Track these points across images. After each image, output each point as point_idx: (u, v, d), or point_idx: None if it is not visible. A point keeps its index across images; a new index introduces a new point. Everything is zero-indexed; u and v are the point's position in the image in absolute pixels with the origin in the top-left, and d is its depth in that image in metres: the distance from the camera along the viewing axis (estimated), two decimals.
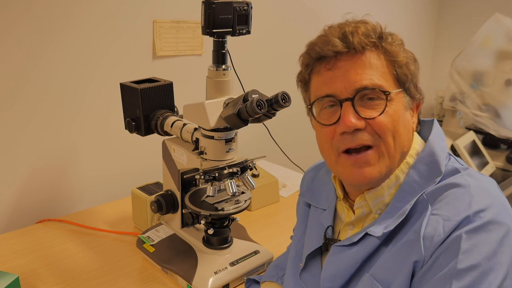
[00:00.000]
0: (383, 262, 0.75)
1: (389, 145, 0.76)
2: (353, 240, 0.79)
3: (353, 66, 0.76)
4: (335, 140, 0.78)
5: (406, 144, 0.79)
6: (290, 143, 1.68)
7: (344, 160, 0.78)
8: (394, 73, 0.78)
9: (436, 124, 0.85)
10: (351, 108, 0.75)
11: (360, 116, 0.75)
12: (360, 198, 0.82)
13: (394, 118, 0.76)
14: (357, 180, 0.78)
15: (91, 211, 1.57)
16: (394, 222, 0.75)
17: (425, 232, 0.70)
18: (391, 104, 0.76)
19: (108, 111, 1.61)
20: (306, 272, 0.89)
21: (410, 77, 0.79)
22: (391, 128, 0.76)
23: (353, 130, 0.75)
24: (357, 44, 0.75)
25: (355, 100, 0.75)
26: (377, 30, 0.78)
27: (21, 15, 1.37)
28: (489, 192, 0.73)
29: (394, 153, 0.77)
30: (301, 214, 1.00)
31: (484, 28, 2.43)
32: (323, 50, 0.77)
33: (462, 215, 0.68)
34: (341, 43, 0.75)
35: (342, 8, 2.37)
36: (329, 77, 0.78)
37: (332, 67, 0.77)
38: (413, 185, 0.77)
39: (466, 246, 0.66)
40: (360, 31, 0.76)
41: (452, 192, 0.72)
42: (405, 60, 0.78)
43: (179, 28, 1.73)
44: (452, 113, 2.67)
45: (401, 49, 0.79)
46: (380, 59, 0.77)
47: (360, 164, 0.76)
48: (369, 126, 0.75)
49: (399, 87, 0.79)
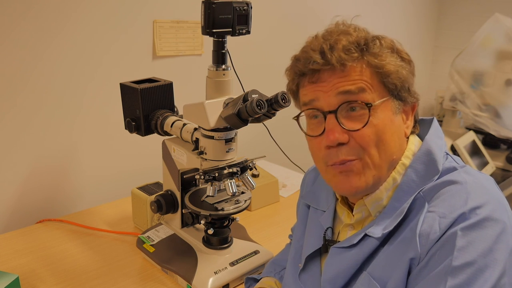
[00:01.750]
0: (380, 260, 0.75)
1: (373, 156, 0.76)
2: (352, 241, 0.79)
3: (335, 78, 0.75)
4: (322, 153, 0.79)
5: (394, 151, 0.78)
6: (290, 143, 1.68)
7: (332, 170, 0.79)
8: (381, 81, 0.76)
9: (434, 123, 0.84)
10: (335, 120, 0.75)
11: (343, 129, 0.75)
12: (359, 204, 0.82)
13: (379, 127, 0.75)
14: (345, 189, 0.79)
15: (91, 211, 1.57)
16: (393, 222, 0.75)
17: (421, 230, 0.70)
18: (375, 114, 0.75)
19: (108, 111, 1.61)
20: (305, 273, 0.89)
21: (399, 84, 0.77)
22: (374, 139, 0.75)
23: (336, 144, 0.75)
24: (336, 62, 0.74)
25: (338, 112, 0.75)
26: (361, 41, 0.76)
27: (21, 15, 1.37)
28: (486, 188, 0.73)
29: (380, 163, 0.76)
30: (301, 215, 1.00)
31: (484, 28, 2.43)
32: (305, 67, 0.77)
33: (458, 212, 0.68)
34: (321, 60, 0.75)
35: (342, 8, 2.37)
36: (313, 90, 0.78)
37: (315, 81, 0.77)
38: (411, 185, 0.77)
39: (461, 243, 0.66)
40: (341, 46, 0.74)
41: (448, 189, 0.72)
42: (394, 68, 0.76)
43: (179, 28, 1.73)
44: (452, 113, 2.67)
45: (388, 57, 0.76)
46: (364, 69, 0.75)
47: (347, 173, 0.77)
48: (353, 138, 0.75)
49: (387, 95, 0.77)
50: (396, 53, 0.78)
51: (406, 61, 0.79)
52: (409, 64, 0.79)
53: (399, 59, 0.78)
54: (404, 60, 0.79)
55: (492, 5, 2.80)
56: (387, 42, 0.78)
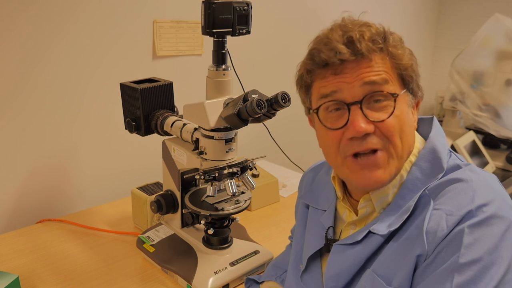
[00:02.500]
0: (385, 257, 0.75)
1: (397, 146, 0.76)
2: (356, 238, 0.79)
3: (359, 69, 0.75)
4: (342, 144, 0.77)
5: (411, 143, 0.79)
6: (290, 143, 1.68)
7: (352, 163, 0.77)
8: (400, 74, 0.78)
9: (435, 122, 0.85)
10: (360, 111, 0.74)
11: (368, 120, 0.74)
12: (365, 198, 0.82)
13: (401, 118, 0.76)
14: (367, 184, 0.77)
15: (91, 211, 1.57)
16: (399, 219, 0.75)
17: (428, 227, 0.71)
18: (397, 105, 0.76)
19: (108, 111, 1.61)
20: (307, 273, 0.89)
21: (414, 77, 0.79)
22: (398, 130, 0.75)
23: (363, 135, 0.74)
24: (365, 50, 0.74)
25: (363, 103, 0.75)
26: (381, 32, 0.77)
27: (21, 15, 1.37)
28: (492, 186, 0.73)
29: (402, 154, 0.77)
30: (300, 216, 0.99)
31: (484, 28, 2.43)
32: (330, 58, 0.75)
33: (465, 210, 0.69)
34: (348, 50, 0.74)
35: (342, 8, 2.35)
36: (335, 82, 0.76)
37: (339, 72, 0.76)
38: (415, 182, 0.77)
39: (468, 240, 0.67)
40: (366, 36, 0.75)
41: (454, 187, 0.73)
42: (409, 62, 0.78)
43: (179, 28, 1.73)
44: (452, 113, 2.67)
45: (405, 51, 0.78)
46: (385, 61, 0.77)
47: (370, 168, 0.76)
48: (378, 129, 0.75)
49: (404, 88, 0.78)
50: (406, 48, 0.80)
51: (413, 55, 0.81)
52: (415, 60, 0.81)
53: (410, 53, 0.80)
54: (412, 54, 0.81)
55: (492, 5, 2.80)
56: (397, 36, 0.80)
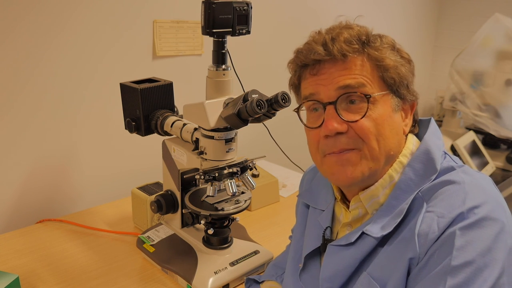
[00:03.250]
0: (380, 260, 0.75)
1: (373, 148, 0.76)
2: (350, 239, 0.79)
3: (336, 70, 0.77)
4: (320, 143, 0.79)
5: (393, 146, 0.78)
6: (290, 143, 1.68)
7: (328, 160, 0.79)
8: (380, 75, 0.78)
9: (432, 123, 0.85)
10: (334, 111, 0.76)
11: (342, 120, 0.76)
12: (355, 199, 0.82)
13: (378, 121, 0.76)
14: (340, 179, 0.79)
15: (91, 211, 1.57)
16: (392, 222, 0.75)
17: (420, 229, 0.71)
18: (375, 107, 0.76)
19: (108, 111, 1.61)
20: (305, 272, 0.89)
21: (398, 79, 0.78)
22: (374, 132, 0.76)
23: (335, 133, 0.76)
24: (337, 52, 0.76)
25: (337, 103, 0.76)
26: (362, 35, 0.78)
27: (21, 15, 1.37)
28: (484, 188, 0.73)
29: (378, 156, 0.77)
30: (300, 215, 1.00)
31: (484, 28, 2.43)
32: (307, 58, 0.79)
33: (456, 212, 0.69)
34: (323, 51, 0.77)
35: (342, 8, 2.37)
36: (314, 82, 0.79)
37: (316, 73, 0.79)
38: (408, 183, 0.77)
39: (460, 243, 0.67)
40: (342, 38, 0.76)
41: (446, 189, 0.73)
42: (393, 63, 0.78)
43: (179, 28, 1.73)
44: (452, 113, 2.67)
45: (388, 52, 0.78)
46: (364, 63, 0.77)
47: (342, 162, 0.77)
48: (352, 129, 0.76)
49: (386, 89, 0.78)
50: (396, 51, 0.80)
51: (406, 59, 0.81)
52: (408, 63, 0.81)
53: (399, 57, 0.80)
54: (404, 58, 0.81)
55: (492, 5, 2.80)
56: (388, 40, 0.80)
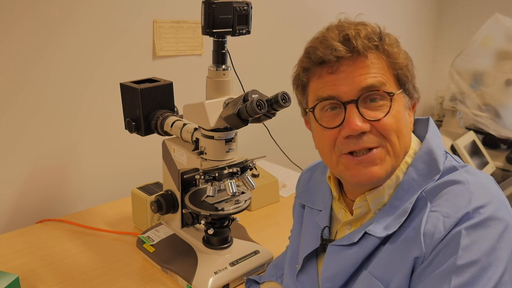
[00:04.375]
0: (382, 259, 0.75)
1: (394, 145, 0.76)
2: (353, 239, 0.79)
3: (356, 68, 0.75)
4: (338, 143, 0.77)
5: (408, 143, 0.79)
6: (290, 143, 1.68)
7: (347, 160, 0.77)
8: (395, 73, 0.78)
9: (431, 123, 0.85)
10: (356, 110, 0.75)
11: (365, 119, 0.75)
12: (361, 199, 0.81)
13: (397, 118, 0.76)
14: (362, 179, 0.77)
15: (91, 211, 1.57)
16: (396, 222, 0.75)
17: (426, 229, 0.71)
18: (394, 105, 0.76)
19: (108, 111, 1.61)
20: (303, 273, 0.89)
21: (410, 78, 0.80)
22: (395, 128, 0.76)
23: (359, 133, 0.75)
24: (361, 47, 0.74)
25: (359, 102, 0.75)
26: (377, 32, 0.78)
27: (21, 15, 1.37)
28: (488, 188, 0.73)
29: (399, 152, 0.77)
30: (297, 216, 1.00)
31: (484, 28, 2.43)
32: (326, 55, 0.75)
33: (462, 212, 0.69)
34: (343, 47, 0.74)
35: (342, 7, 2.36)
36: (332, 80, 0.77)
37: (335, 71, 0.76)
38: (411, 184, 0.77)
39: (465, 242, 0.67)
40: (362, 34, 0.75)
41: (451, 189, 0.73)
42: (405, 62, 0.79)
43: (179, 28, 1.73)
44: (452, 113, 2.67)
45: (400, 51, 0.79)
46: (381, 60, 0.77)
47: (366, 164, 0.76)
48: (374, 128, 0.75)
49: (400, 88, 0.79)
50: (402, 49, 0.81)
51: (409, 57, 0.82)
52: (411, 61, 0.82)
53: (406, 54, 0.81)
54: (408, 56, 0.81)
55: (492, 5, 2.80)
56: (393, 37, 0.80)
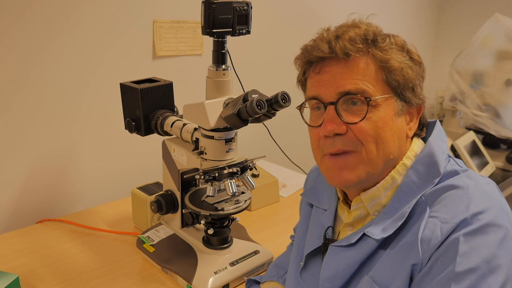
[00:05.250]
0: (382, 264, 0.75)
1: (370, 152, 0.75)
2: (351, 240, 0.79)
3: (339, 71, 0.76)
4: (320, 143, 0.79)
5: (392, 150, 0.77)
6: (290, 143, 1.68)
7: (327, 161, 0.79)
8: (384, 78, 0.76)
9: (438, 125, 0.84)
10: (334, 112, 0.76)
11: (342, 121, 0.76)
12: (356, 200, 0.82)
13: (379, 124, 0.75)
14: (335, 182, 0.79)
15: (91, 211, 1.57)
16: (393, 225, 0.75)
17: (423, 235, 0.70)
18: (376, 110, 0.75)
19: (108, 111, 1.61)
20: (306, 271, 0.89)
21: (403, 82, 0.77)
22: (373, 135, 0.75)
23: (333, 134, 0.76)
24: (339, 50, 0.75)
25: (338, 104, 0.76)
26: (369, 35, 0.76)
27: (21, 15, 1.36)
28: (488, 194, 0.72)
29: (376, 159, 0.76)
30: (304, 213, 1.00)
31: (484, 28, 2.43)
32: (311, 55, 0.78)
33: (460, 218, 0.68)
34: (327, 48, 0.76)
35: (342, 8, 2.36)
36: (317, 80, 0.79)
37: (319, 71, 0.78)
38: (411, 186, 0.77)
39: (464, 249, 0.66)
40: (347, 36, 0.75)
41: (450, 194, 0.72)
42: (398, 65, 0.76)
43: (179, 28, 1.73)
44: (452, 113, 2.67)
45: (394, 53, 0.76)
46: (368, 64, 0.76)
47: (339, 166, 0.77)
48: (351, 131, 0.76)
49: (390, 93, 0.77)
50: (406, 52, 0.78)
51: (416, 62, 0.79)
52: (418, 66, 0.79)
53: (407, 58, 0.78)
54: (414, 60, 0.79)
55: (492, 5, 2.80)
56: (397, 40, 0.78)
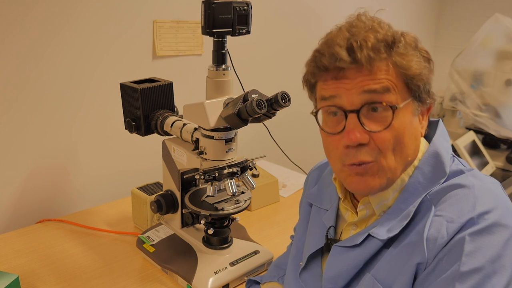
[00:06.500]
0: (385, 263, 0.74)
1: (389, 160, 0.74)
2: (355, 241, 0.78)
3: (360, 77, 0.73)
4: (339, 151, 0.77)
5: (410, 153, 0.77)
6: (290, 143, 1.68)
7: (347, 169, 0.77)
8: (405, 82, 0.75)
9: (441, 125, 0.84)
10: (356, 120, 0.73)
11: (364, 129, 0.73)
12: (364, 201, 0.81)
13: (399, 131, 0.74)
14: (360, 189, 0.77)
15: (91, 211, 1.57)
16: (398, 224, 0.74)
17: (429, 234, 0.70)
18: (397, 117, 0.73)
19: (108, 111, 1.61)
20: (306, 271, 0.89)
21: (422, 86, 0.76)
22: (393, 142, 0.74)
23: (356, 144, 0.74)
24: (364, 60, 0.71)
25: (360, 112, 0.73)
26: (389, 39, 0.74)
27: (21, 15, 1.37)
28: (494, 193, 0.72)
29: (395, 166, 0.75)
30: (303, 214, 0.99)
31: (484, 28, 2.43)
32: (330, 63, 0.74)
33: (466, 217, 0.68)
34: (347, 57, 0.72)
35: (342, 7, 2.36)
36: (335, 87, 0.75)
37: (339, 78, 0.74)
38: (417, 186, 0.76)
39: (469, 249, 0.66)
40: (370, 44, 0.72)
41: (456, 193, 0.72)
42: (418, 70, 0.74)
43: (179, 28, 1.73)
44: (452, 113, 2.67)
45: (413, 57, 0.75)
46: (389, 69, 0.74)
47: (362, 174, 0.76)
48: (372, 140, 0.74)
49: (409, 97, 0.76)
50: (419, 52, 0.77)
51: (426, 59, 0.78)
52: (429, 63, 0.78)
53: (422, 59, 0.76)
54: (424, 58, 0.77)
55: (492, 5, 2.80)
56: (410, 39, 0.76)
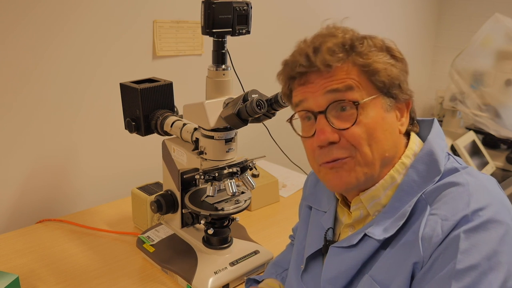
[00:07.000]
0: (382, 263, 0.74)
1: (365, 154, 0.76)
2: (352, 241, 0.79)
3: (322, 79, 0.76)
4: (316, 153, 0.79)
5: (387, 148, 0.77)
6: (290, 143, 1.67)
7: (324, 169, 0.80)
8: (369, 80, 0.77)
9: (436, 124, 0.84)
10: (325, 120, 0.76)
11: (333, 128, 0.75)
12: (356, 200, 0.82)
13: (370, 126, 0.75)
14: (335, 186, 0.79)
15: (91, 211, 1.57)
16: (394, 224, 0.74)
17: (424, 233, 0.70)
18: (365, 113, 0.75)
19: (108, 111, 1.61)
20: (307, 274, 0.89)
21: (388, 81, 0.77)
22: (365, 137, 0.75)
23: (327, 143, 0.76)
24: (320, 63, 0.75)
25: (327, 112, 0.76)
26: (347, 42, 0.76)
27: (21, 15, 1.37)
28: (489, 190, 0.72)
29: (372, 161, 0.76)
30: (303, 216, 1.00)
31: (484, 28, 2.43)
32: (293, 71, 0.79)
33: (461, 214, 0.68)
34: (306, 62, 0.76)
35: (342, 8, 2.36)
36: (303, 92, 0.79)
37: (304, 83, 0.78)
38: (412, 185, 0.77)
39: (464, 246, 0.66)
40: (325, 48, 0.75)
41: (450, 191, 0.72)
42: (382, 66, 0.76)
43: (179, 28, 1.73)
44: (452, 113, 2.67)
45: (375, 56, 0.76)
46: (350, 69, 0.76)
47: (337, 171, 0.77)
48: (343, 137, 0.76)
49: (376, 93, 0.77)
50: (386, 51, 0.78)
51: (398, 59, 0.79)
52: (401, 62, 0.79)
53: (389, 57, 0.78)
54: (395, 58, 0.79)
55: (492, 5, 2.80)
56: (375, 41, 0.78)
